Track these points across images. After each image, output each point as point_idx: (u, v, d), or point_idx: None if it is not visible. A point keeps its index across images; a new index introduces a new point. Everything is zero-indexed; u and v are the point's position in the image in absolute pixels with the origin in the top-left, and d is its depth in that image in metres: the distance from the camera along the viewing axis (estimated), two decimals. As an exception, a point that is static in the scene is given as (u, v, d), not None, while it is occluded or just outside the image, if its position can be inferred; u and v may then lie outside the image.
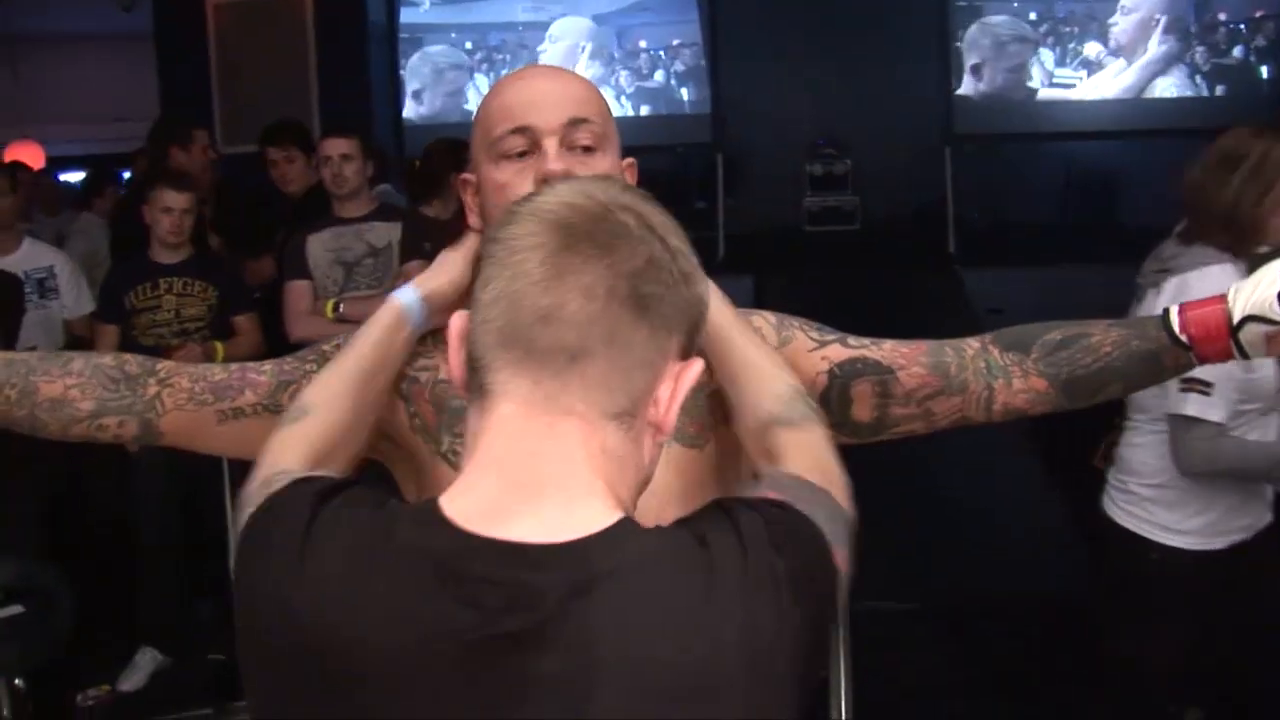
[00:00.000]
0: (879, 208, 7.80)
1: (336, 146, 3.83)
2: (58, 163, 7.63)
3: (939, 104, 7.39)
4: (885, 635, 3.36)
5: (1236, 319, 1.25)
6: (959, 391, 1.34)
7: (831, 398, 1.34)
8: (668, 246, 0.93)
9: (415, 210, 4.20)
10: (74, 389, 1.32)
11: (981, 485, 3.96)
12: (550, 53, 8.02)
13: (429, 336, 1.34)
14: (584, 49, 8.12)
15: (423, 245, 3.84)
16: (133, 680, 3.87)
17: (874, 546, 1.34)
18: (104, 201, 6.32)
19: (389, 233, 3.83)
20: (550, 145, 1.20)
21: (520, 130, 1.21)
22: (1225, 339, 1.26)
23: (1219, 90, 7.52)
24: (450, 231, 4.12)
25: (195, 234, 4.05)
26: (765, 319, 1.38)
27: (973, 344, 1.36)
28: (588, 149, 1.22)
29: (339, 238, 3.82)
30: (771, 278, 7.14)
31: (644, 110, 8.26)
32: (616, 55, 8.14)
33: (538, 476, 0.90)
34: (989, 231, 7.48)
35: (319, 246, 3.81)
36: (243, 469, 1.11)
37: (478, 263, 0.98)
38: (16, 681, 3.32)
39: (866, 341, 1.36)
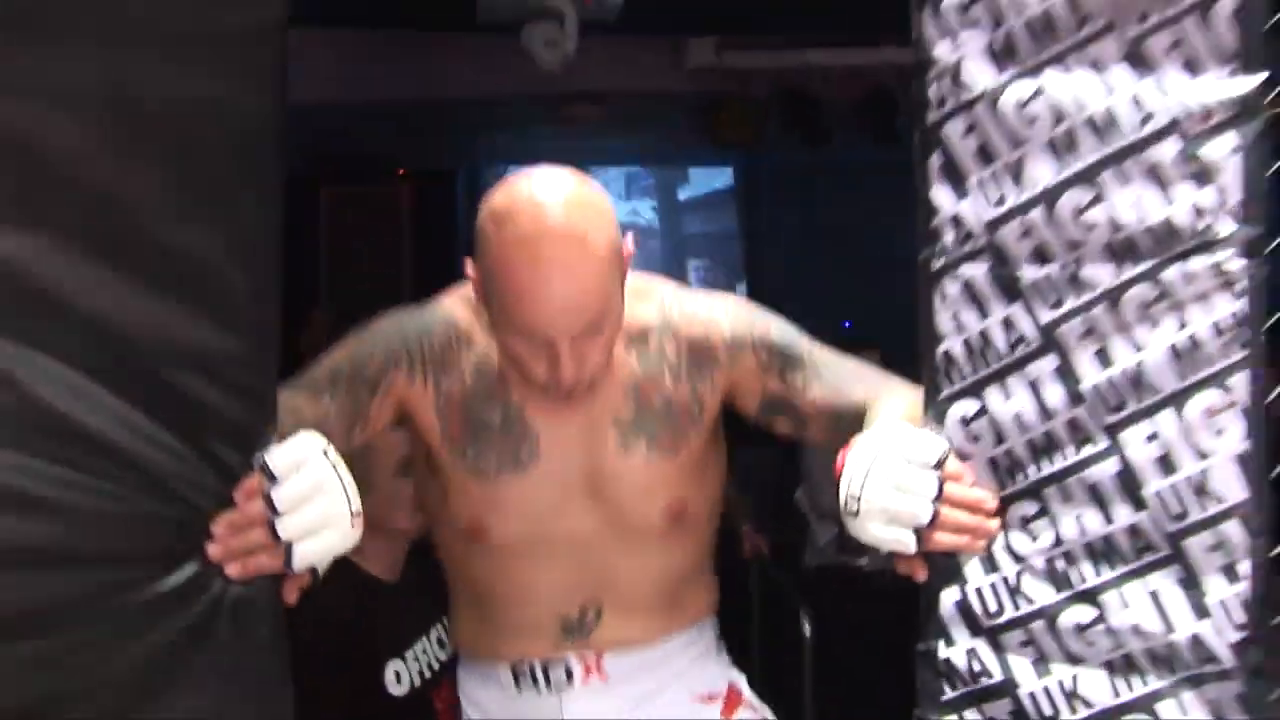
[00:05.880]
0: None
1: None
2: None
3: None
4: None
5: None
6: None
7: (759, 418, 1.51)
8: None
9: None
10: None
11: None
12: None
13: (460, 347, 1.46)
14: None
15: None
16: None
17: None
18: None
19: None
20: (564, 348, 1.32)
21: (537, 337, 1.32)
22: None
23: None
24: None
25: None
26: (719, 322, 1.49)
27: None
28: (597, 330, 1.35)
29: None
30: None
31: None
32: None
33: None
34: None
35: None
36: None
37: None
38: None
39: (801, 383, 1.47)
